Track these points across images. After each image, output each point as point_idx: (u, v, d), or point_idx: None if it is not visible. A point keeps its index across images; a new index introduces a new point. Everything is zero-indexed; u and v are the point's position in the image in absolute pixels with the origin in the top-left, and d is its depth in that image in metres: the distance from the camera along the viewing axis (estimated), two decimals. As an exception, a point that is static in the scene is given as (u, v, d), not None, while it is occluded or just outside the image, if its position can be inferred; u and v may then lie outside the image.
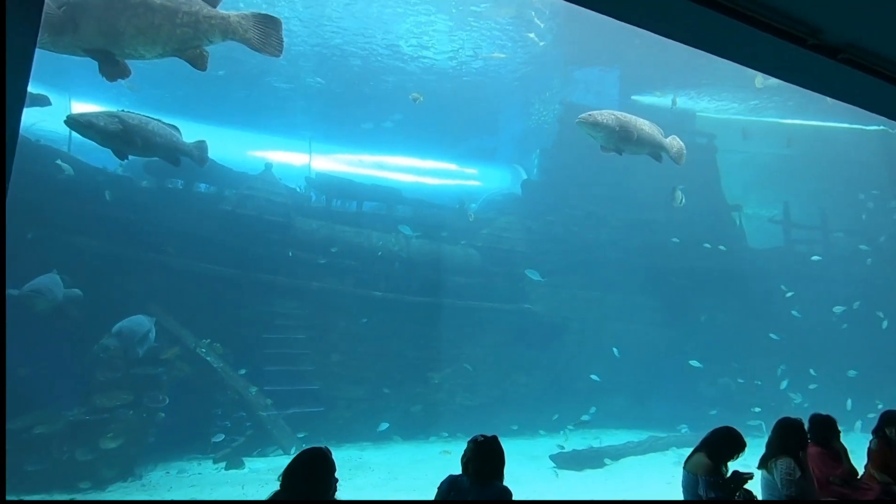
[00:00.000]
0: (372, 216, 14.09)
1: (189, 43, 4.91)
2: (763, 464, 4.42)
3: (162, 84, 16.09)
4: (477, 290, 14.06)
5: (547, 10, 15.65)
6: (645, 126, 8.44)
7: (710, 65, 15.75)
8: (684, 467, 4.16)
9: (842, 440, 5.08)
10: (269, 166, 12.98)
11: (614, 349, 13.87)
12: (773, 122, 19.81)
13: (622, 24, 3.69)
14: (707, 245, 14.90)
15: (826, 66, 3.63)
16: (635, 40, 15.44)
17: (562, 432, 12.39)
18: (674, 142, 9.06)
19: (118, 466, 8.57)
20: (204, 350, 11.08)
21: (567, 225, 15.16)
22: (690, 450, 4.27)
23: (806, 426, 4.66)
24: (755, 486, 4.30)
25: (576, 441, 11.85)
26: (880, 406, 13.18)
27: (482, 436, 3.17)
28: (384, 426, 12.12)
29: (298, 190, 14.45)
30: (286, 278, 12.40)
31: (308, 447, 2.79)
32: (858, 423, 11.75)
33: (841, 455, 4.85)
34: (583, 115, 8.14)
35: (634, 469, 10.04)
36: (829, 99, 5.06)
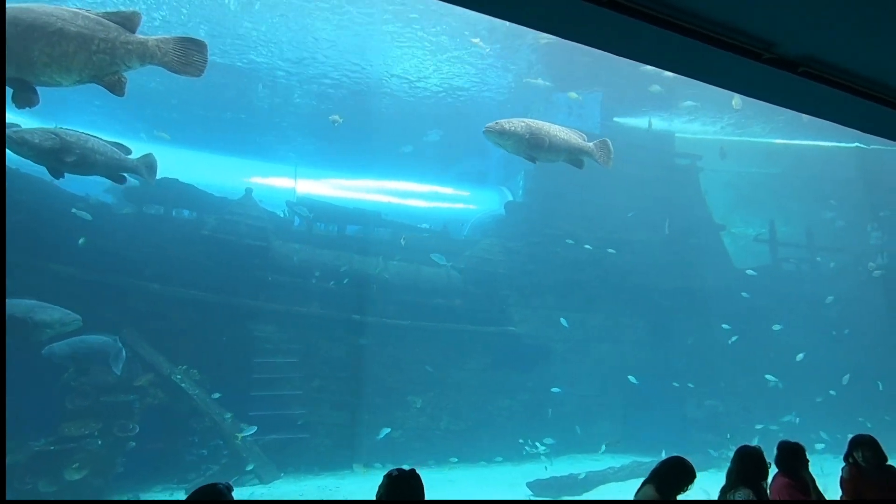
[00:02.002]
0: (353, 239, 14.11)
1: (106, 69, 4.93)
2: (722, 495, 4.18)
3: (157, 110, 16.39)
4: (459, 312, 14.00)
5: (529, 37, 15.95)
6: (560, 133, 8.22)
7: (691, 86, 15.98)
8: (634, 500, 4.01)
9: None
10: (249, 191, 13.06)
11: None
12: (756, 142, 19.97)
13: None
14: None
15: (787, 80, 3.67)
16: (617, 63, 15.71)
17: (543, 458, 12.17)
18: (601, 146, 8.79)
19: (83, 498, 8.40)
20: (179, 376, 10.97)
21: (549, 246, 15.16)
22: None
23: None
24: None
25: (558, 467, 11.63)
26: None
27: (398, 469, 3.08)
28: (385, 431, 12.02)
29: (281, 214, 14.51)
30: (265, 303, 12.36)
31: (206, 483, 2.70)
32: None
33: (809, 486, 4.54)
34: (490, 124, 7.96)
35: (614, 496, 9.83)
36: (808, 117, 5.10)
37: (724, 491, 4.23)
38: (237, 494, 9.30)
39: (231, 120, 17.81)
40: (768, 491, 4.52)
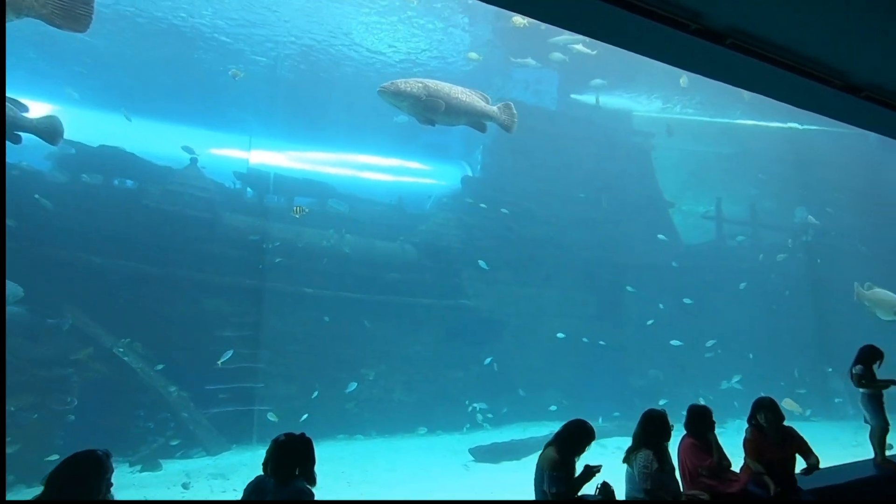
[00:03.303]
0: (306, 212, 13.88)
1: None
2: (626, 457, 4.41)
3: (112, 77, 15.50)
4: (414, 286, 14.08)
5: (488, 10, 15.75)
6: (460, 95, 8.00)
7: (650, 65, 16.16)
8: (537, 463, 4.14)
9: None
10: (194, 160, 12.64)
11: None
12: (710, 122, 20.42)
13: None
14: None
15: (714, 52, 3.74)
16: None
17: (479, 416, 12.62)
18: (505, 109, 8.54)
19: (16, 472, 8.22)
20: (122, 350, 10.74)
21: (505, 221, 15.31)
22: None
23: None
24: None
25: (506, 433, 12.06)
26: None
27: (284, 435, 3.14)
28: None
29: (233, 185, 14.13)
30: (213, 276, 12.13)
31: (83, 450, 2.70)
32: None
33: (712, 446, 4.76)
34: (385, 83, 7.75)
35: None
36: (756, 96, 5.15)
37: (628, 452, 4.44)
38: (179, 466, 9.19)
39: (181, 87, 17.04)
40: (674, 451, 4.80)
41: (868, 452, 6.12)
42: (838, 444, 10.81)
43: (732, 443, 5.00)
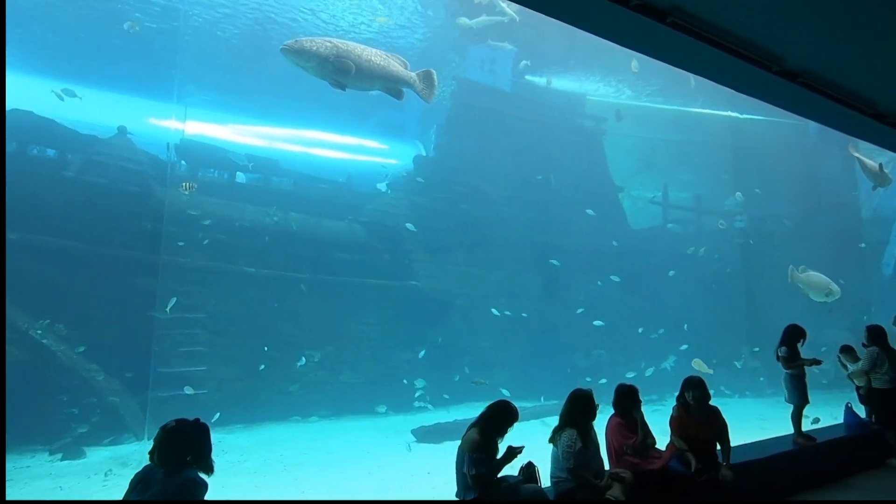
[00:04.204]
0: (247, 188, 13.26)
1: None
2: (552, 437, 4.41)
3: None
4: (361, 266, 13.76)
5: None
6: (375, 58, 7.48)
7: (613, 50, 16.15)
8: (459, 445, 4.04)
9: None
10: (122, 129, 11.76)
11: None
12: (660, 108, 20.73)
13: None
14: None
15: (655, 30, 3.62)
16: (531, 21, 15.56)
17: (429, 406, 12.59)
18: (424, 77, 8.04)
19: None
20: (40, 332, 10.00)
21: (455, 202, 15.13)
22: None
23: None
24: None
25: (453, 413, 12.05)
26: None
27: (175, 420, 2.89)
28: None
29: (168, 158, 13.28)
30: (144, 254, 11.42)
31: None
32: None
33: (637, 424, 4.80)
34: (289, 41, 7.20)
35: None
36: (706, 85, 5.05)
37: (554, 431, 4.42)
38: (106, 454, 8.62)
39: (110, 48, 15.73)
40: (600, 430, 4.80)
41: (779, 428, 6.37)
42: (760, 419, 11.39)
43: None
